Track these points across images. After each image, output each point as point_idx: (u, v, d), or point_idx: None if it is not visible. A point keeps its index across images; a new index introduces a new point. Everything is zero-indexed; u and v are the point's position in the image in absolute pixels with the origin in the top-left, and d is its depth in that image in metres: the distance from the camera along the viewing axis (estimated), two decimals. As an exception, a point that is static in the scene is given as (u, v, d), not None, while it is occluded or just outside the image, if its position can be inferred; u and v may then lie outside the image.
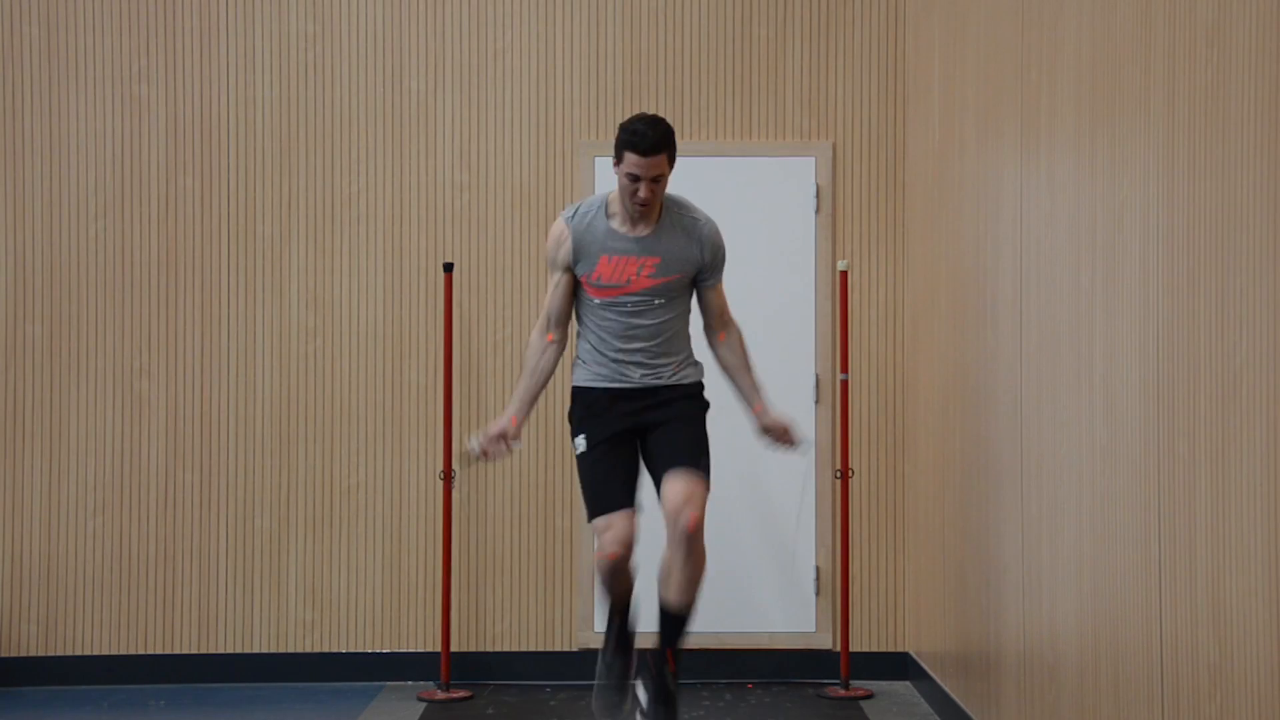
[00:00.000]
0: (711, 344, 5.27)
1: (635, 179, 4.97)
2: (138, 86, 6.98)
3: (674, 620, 5.09)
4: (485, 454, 5.09)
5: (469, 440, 5.15)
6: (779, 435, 5.21)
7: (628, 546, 4.99)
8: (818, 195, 7.03)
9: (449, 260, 6.89)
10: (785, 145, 7.04)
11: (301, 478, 6.96)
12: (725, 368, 5.27)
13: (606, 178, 6.89)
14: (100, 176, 6.96)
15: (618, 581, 5.11)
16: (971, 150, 5.79)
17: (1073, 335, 4.42)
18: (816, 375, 7.00)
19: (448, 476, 6.68)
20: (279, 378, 6.97)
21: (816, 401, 6.99)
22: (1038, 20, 4.83)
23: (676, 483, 4.98)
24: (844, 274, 6.72)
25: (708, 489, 5.04)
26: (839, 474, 6.76)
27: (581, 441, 5.13)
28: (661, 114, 6.97)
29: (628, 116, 5.20)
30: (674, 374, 5.13)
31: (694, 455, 5.05)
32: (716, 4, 7.06)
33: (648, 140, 4.95)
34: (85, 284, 6.94)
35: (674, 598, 5.04)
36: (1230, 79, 3.27)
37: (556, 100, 7.04)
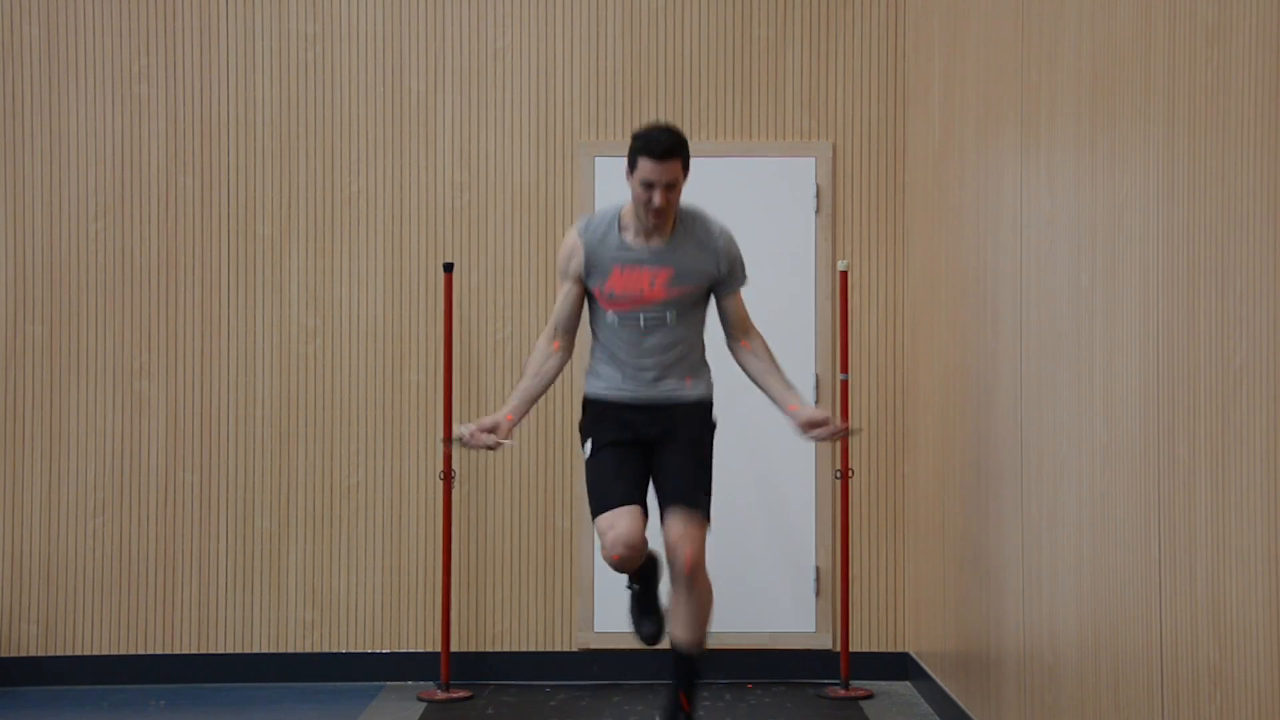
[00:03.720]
0: (736, 355, 5.19)
1: (649, 186, 4.90)
2: (138, 86, 6.98)
3: (686, 661, 5.12)
4: (471, 440, 5.00)
5: (461, 426, 5.15)
6: (819, 428, 5.02)
7: (632, 549, 4.90)
8: (818, 195, 7.04)
9: (449, 260, 6.89)
10: (785, 145, 7.04)
11: (301, 478, 6.96)
12: (753, 375, 5.16)
13: (607, 178, 6.89)
14: (100, 176, 6.96)
15: (629, 572, 5.08)
16: (971, 150, 5.79)
17: (1073, 335, 4.42)
18: (816, 375, 7.00)
19: (447, 476, 6.68)
20: (279, 378, 6.97)
21: (816, 402, 6.99)
22: (1038, 20, 4.83)
23: (675, 523, 4.98)
24: (844, 274, 6.72)
25: (706, 524, 5.03)
26: (839, 474, 6.76)
27: (589, 446, 5.12)
28: (662, 115, 6.99)
29: (638, 125, 5.14)
30: (685, 388, 5.09)
31: (695, 494, 5.02)
32: (716, 4, 7.06)
33: (662, 145, 4.89)
34: (85, 284, 6.94)
35: (683, 635, 5.08)
36: (1230, 79, 3.27)
37: (556, 100, 7.04)
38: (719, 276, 5.09)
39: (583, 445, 5.19)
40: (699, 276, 5.06)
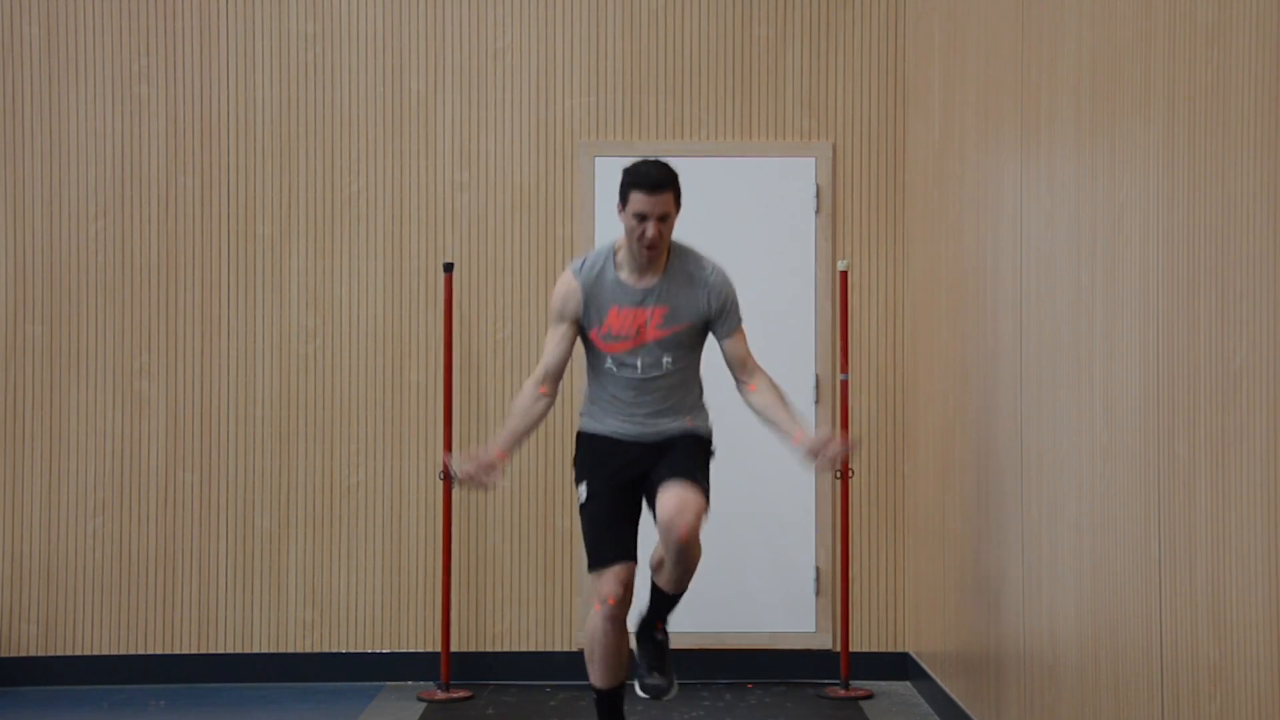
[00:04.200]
0: (744, 397, 5.13)
1: (642, 219, 4.90)
2: (138, 86, 6.98)
3: (668, 599, 5.13)
4: (468, 479, 4.99)
5: (455, 461, 5.14)
6: (822, 452, 4.95)
7: (627, 588, 4.96)
8: (818, 195, 7.04)
9: (449, 260, 6.89)
10: (785, 145, 7.04)
11: (301, 478, 6.96)
12: (759, 413, 5.09)
13: (607, 178, 6.88)
14: (100, 176, 6.96)
15: (611, 648, 4.99)
16: (971, 150, 5.79)
17: (1073, 335, 4.42)
18: (816, 375, 7.00)
19: (447, 476, 6.68)
20: (279, 378, 6.97)
21: (816, 401, 6.99)
22: (1038, 20, 4.83)
23: (671, 495, 4.88)
24: (844, 274, 6.73)
25: (705, 503, 4.94)
26: (839, 474, 6.76)
27: (583, 490, 5.10)
28: (662, 114, 7.00)
29: (633, 155, 5.12)
30: (682, 427, 5.08)
31: (691, 472, 4.96)
32: (716, 4, 7.06)
33: (652, 178, 4.90)
34: (85, 284, 6.94)
35: (668, 587, 5.08)
36: (1230, 79, 3.27)
37: (556, 100, 7.04)
38: (710, 314, 5.06)
39: (576, 485, 5.16)
40: (691, 314, 5.04)
